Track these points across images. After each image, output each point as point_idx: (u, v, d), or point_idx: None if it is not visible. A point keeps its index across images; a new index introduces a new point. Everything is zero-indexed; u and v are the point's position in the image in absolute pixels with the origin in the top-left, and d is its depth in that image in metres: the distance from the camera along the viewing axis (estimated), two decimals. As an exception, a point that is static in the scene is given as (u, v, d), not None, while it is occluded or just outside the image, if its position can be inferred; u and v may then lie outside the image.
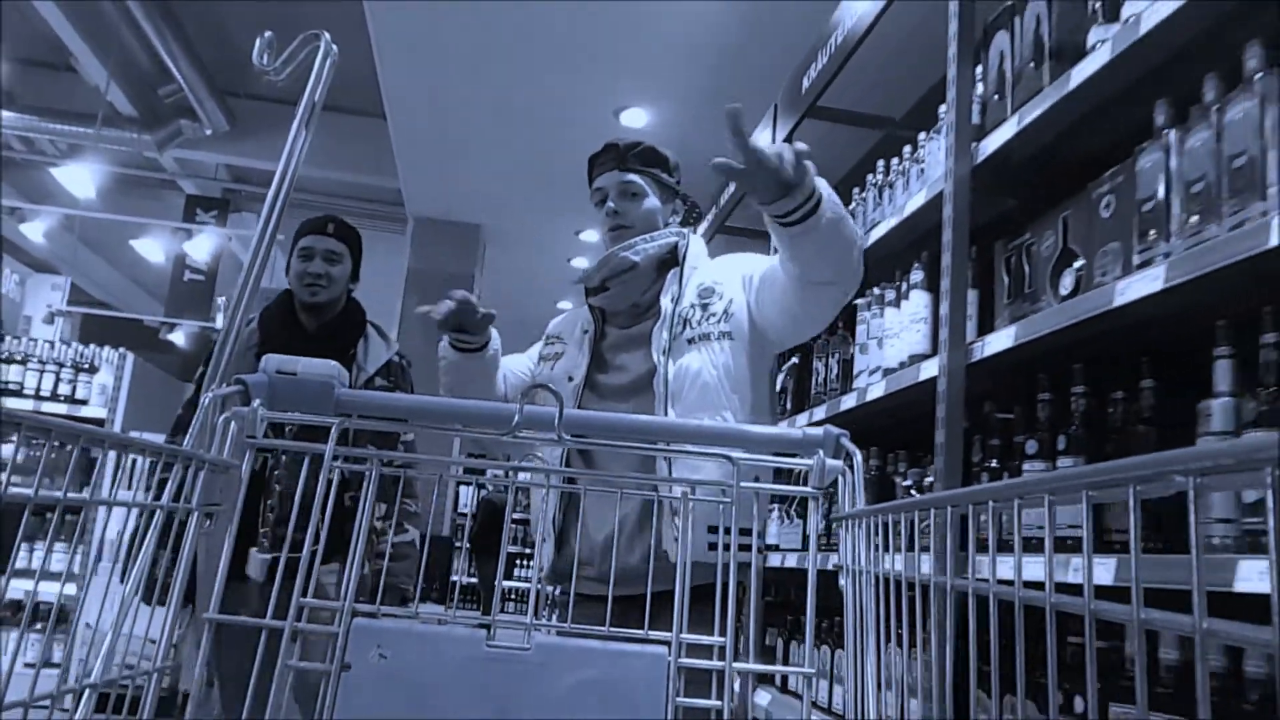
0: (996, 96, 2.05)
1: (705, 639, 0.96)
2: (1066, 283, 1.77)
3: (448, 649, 0.97)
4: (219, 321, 7.58)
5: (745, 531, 1.49)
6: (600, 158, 2.00)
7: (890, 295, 2.44)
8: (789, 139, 3.30)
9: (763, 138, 3.45)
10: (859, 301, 2.61)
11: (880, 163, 2.69)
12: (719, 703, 0.94)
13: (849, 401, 2.58)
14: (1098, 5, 1.75)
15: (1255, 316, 1.42)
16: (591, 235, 5.43)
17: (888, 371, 2.38)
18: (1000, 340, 1.88)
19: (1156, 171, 1.55)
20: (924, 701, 0.80)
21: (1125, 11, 1.67)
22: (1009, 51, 2.02)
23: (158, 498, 0.91)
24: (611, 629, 1.01)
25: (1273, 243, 1.27)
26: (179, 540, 1.89)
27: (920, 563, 0.77)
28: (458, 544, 6.27)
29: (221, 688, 2.38)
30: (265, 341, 2.53)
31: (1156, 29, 1.57)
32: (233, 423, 1.01)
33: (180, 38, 7.82)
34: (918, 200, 2.30)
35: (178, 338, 8.01)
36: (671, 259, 1.92)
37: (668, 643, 0.92)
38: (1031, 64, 1.92)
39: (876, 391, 2.40)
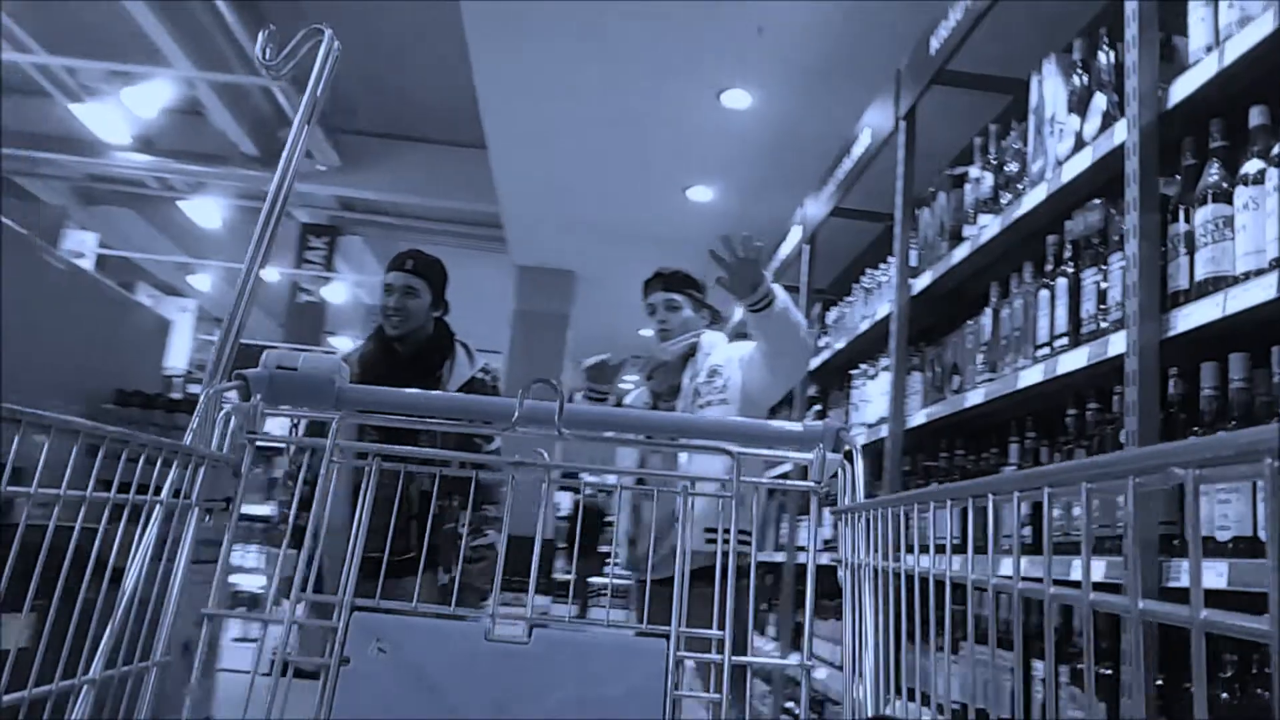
0: (922, 251, 3.32)
1: (704, 632, 1.12)
2: (954, 385, 3.05)
3: (447, 642, 1.03)
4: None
5: (744, 532, 2.67)
6: (651, 282, 3.20)
7: (871, 371, 3.73)
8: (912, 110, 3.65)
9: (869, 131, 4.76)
10: (854, 372, 3.91)
11: (868, 270, 3.97)
12: (718, 695, 1.03)
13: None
14: (969, 209, 3.02)
15: (1034, 421, 2.69)
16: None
17: (868, 426, 3.68)
18: (919, 417, 3.17)
19: (987, 326, 2.82)
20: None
21: (980, 221, 2.93)
22: (930, 222, 3.29)
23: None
24: (611, 622, 1.13)
25: (1019, 385, 2.54)
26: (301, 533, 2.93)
27: (918, 556, 0.86)
28: (560, 545, 7.72)
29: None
30: (364, 364, 2.99)
31: (990, 241, 2.83)
32: (233, 417, 1.07)
33: (297, 86, 9.40)
34: (884, 309, 3.58)
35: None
36: (692, 352, 3.09)
37: (667, 635, 1.02)
38: (938, 235, 3.20)
39: (860, 441, 3.69)
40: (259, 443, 1.14)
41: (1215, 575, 1.76)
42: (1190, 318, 1.92)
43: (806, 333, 2.89)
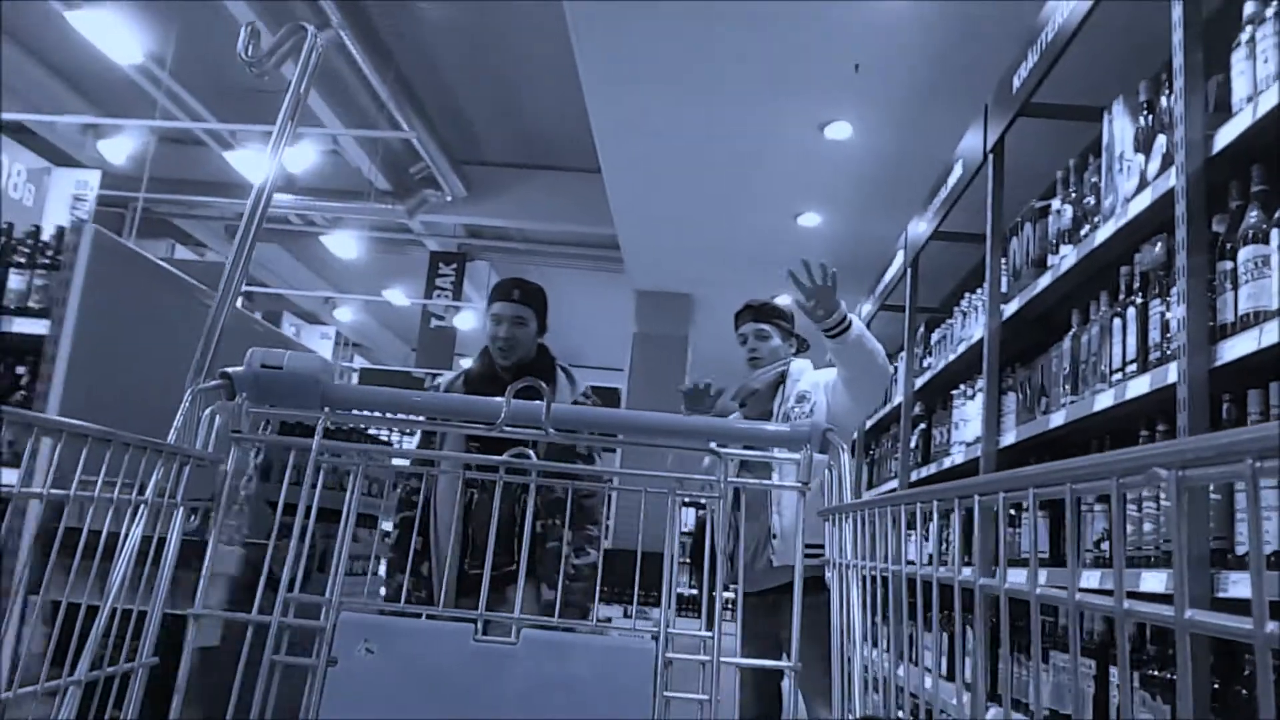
0: (1013, 278, 3.54)
1: (693, 632, 1.15)
2: (1042, 406, 3.26)
3: (435, 644, 1.05)
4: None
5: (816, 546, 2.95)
6: (742, 313, 3.55)
7: (970, 392, 3.96)
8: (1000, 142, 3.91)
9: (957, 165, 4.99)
10: (954, 392, 4.14)
11: (965, 295, 4.19)
12: (704, 696, 1.06)
13: (947, 462, 4.12)
14: (1053, 240, 3.24)
15: (1111, 442, 2.90)
16: (784, 299, 7.20)
17: (967, 445, 3.90)
18: (1010, 437, 3.39)
19: (1066, 353, 3.04)
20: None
21: (1061, 251, 3.15)
22: (1018, 249, 3.51)
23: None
24: (599, 622, 1.20)
25: (1095, 408, 2.76)
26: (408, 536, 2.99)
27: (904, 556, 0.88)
28: (683, 560, 8.07)
29: None
30: (469, 390, 3.16)
31: (1070, 270, 3.05)
32: (218, 416, 1.08)
33: (425, 122, 10.09)
34: (977, 333, 3.81)
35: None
36: (781, 379, 3.41)
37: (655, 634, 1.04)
38: (1026, 263, 3.42)
39: (959, 459, 3.92)
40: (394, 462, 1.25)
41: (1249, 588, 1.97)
42: (1234, 349, 2.13)
43: (884, 360, 3.15)
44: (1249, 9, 2.27)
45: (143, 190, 9.13)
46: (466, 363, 14.03)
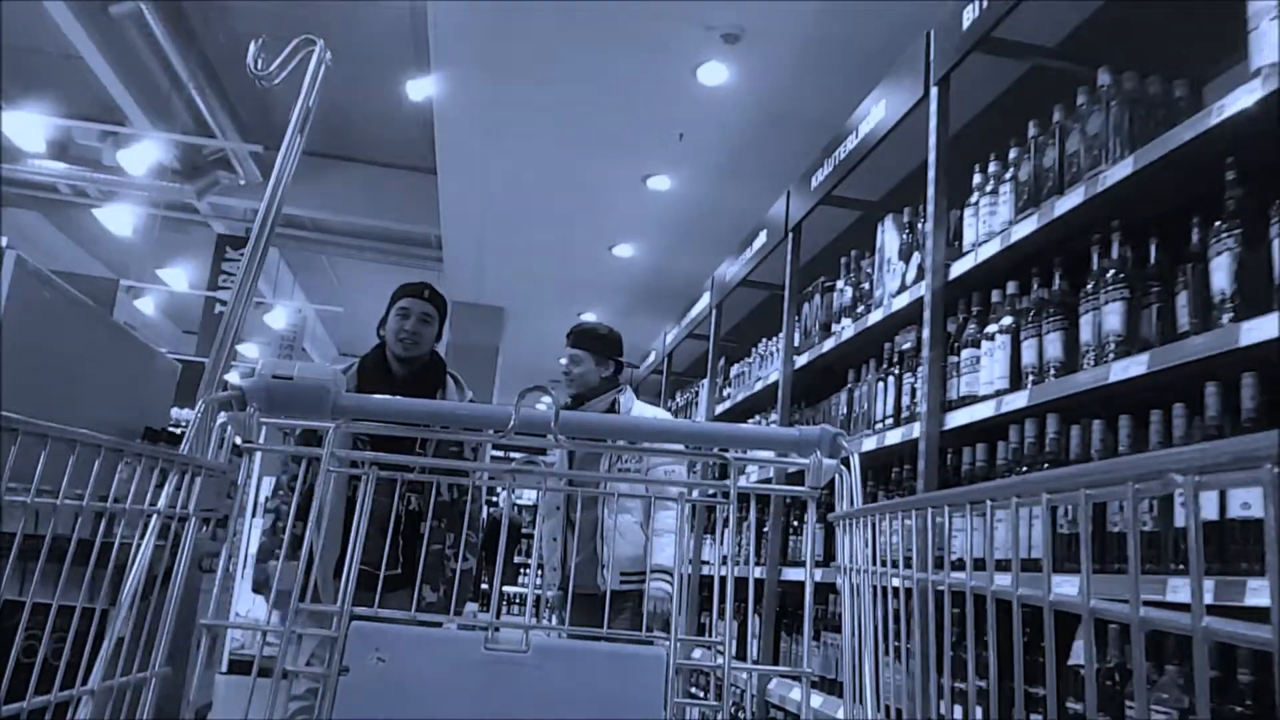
0: (805, 335, 4.66)
1: (705, 639, 1.27)
2: (822, 441, 4.39)
3: (446, 651, 1.11)
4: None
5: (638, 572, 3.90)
6: (567, 336, 4.34)
7: (765, 423, 5.06)
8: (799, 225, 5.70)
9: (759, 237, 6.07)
10: (750, 421, 5.24)
11: (763, 340, 5.30)
12: (718, 703, 1.13)
13: (743, 480, 5.22)
14: (836, 312, 4.36)
15: (873, 474, 4.04)
16: (590, 315, 8.23)
17: (760, 466, 5.00)
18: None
19: (843, 402, 4.16)
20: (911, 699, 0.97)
21: (842, 322, 4.27)
22: (810, 313, 4.63)
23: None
24: (611, 630, 1.21)
25: (864, 449, 3.87)
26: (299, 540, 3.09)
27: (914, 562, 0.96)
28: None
29: None
30: (362, 384, 3.34)
31: (849, 339, 4.16)
32: (229, 427, 1.15)
33: (224, 101, 10.31)
34: (774, 376, 4.91)
35: (233, 378, 10.57)
36: (613, 409, 4.25)
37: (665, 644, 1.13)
38: (816, 326, 4.54)
39: (768, 471, 5.02)
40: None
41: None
42: (956, 418, 3.25)
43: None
44: (977, 179, 3.40)
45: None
46: (245, 349, 14.08)
